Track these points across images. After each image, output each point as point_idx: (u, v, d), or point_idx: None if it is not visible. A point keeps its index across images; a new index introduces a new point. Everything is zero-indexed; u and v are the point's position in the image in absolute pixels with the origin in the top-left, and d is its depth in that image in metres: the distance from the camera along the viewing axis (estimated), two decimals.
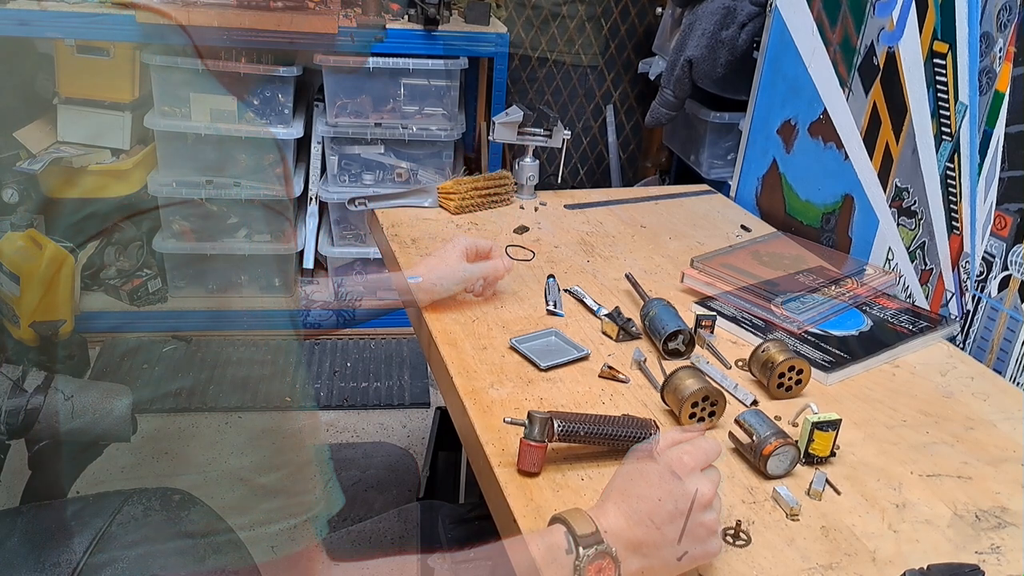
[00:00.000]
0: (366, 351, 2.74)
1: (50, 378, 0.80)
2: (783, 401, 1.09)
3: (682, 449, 0.79)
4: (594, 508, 0.77)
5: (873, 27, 1.47)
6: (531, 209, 1.66)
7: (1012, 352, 1.21)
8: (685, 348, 1.17)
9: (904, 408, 1.10)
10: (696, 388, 0.99)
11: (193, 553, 0.77)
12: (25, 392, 0.78)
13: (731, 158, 2.44)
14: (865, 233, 1.50)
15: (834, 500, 0.91)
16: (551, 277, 1.35)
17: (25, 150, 2.55)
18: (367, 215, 1.61)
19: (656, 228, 1.63)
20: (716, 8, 2.16)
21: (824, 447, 0.95)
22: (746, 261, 1.41)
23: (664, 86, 2.31)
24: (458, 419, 1.06)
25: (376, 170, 2.72)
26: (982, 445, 1.03)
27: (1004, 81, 1.23)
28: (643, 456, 0.79)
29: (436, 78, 2.62)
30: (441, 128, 2.64)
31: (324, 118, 2.63)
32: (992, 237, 1.25)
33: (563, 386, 1.08)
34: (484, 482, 0.95)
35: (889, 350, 1.21)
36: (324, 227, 2.84)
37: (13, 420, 0.76)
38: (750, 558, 0.82)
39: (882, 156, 1.46)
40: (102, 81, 2.54)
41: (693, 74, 2.22)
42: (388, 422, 2.41)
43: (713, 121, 2.41)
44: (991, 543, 0.87)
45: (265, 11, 2.60)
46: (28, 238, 2.63)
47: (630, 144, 3.08)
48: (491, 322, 1.22)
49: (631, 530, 0.74)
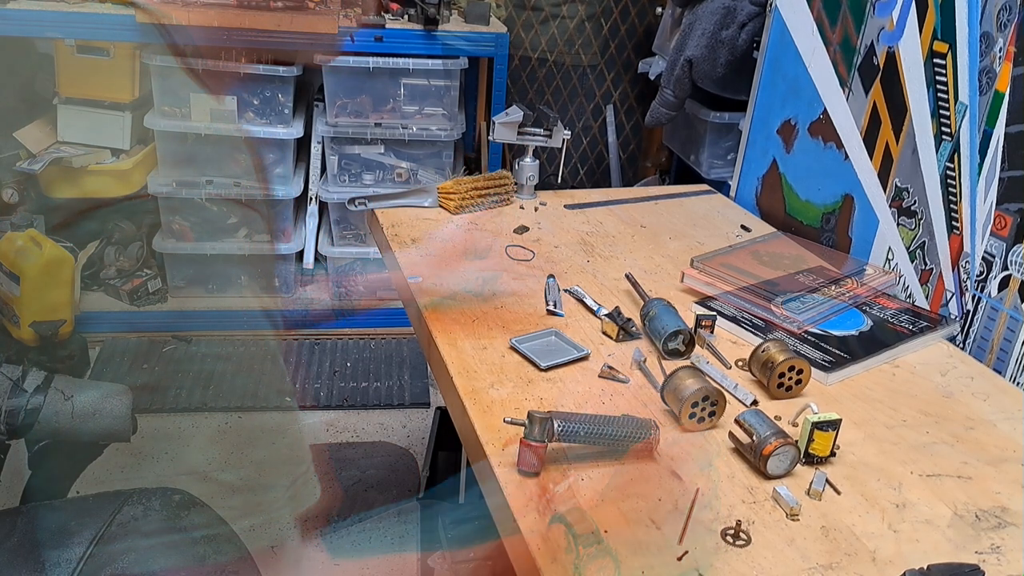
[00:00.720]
0: (366, 351, 2.74)
1: (50, 378, 0.80)
2: (783, 401, 1.09)
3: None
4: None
5: (873, 27, 1.47)
6: (531, 209, 1.66)
7: (1012, 352, 1.21)
8: (685, 348, 1.17)
9: (904, 408, 1.10)
10: (696, 388, 0.99)
11: (193, 553, 0.77)
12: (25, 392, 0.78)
13: (731, 158, 2.44)
14: (865, 233, 1.50)
15: (834, 500, 0.91)
16: (551, 277, 1.35)
17: (25, 150, 2.55)
18: (367, 215, 1.61)
19: (656, 228, 1.63)
20: (716, 8, 2.16)
21: (824, 447, 0.95)
22: (746, 261, 1.41)
23: (664, 86, 2.31)
24: (458, 419, 1.06)
25: (376, 170, 2.72)
26: (982, 445, 1.03)
27: (1004, 81, 1.23)
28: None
29: (436, 78, 2.62)
30: (441, 128, 2.64)
31: (324, 118, 2.63)
32: (992, 237, 1.25)
33: (563, 386, 1.08)
34: (484, 482, 0.95)
35: (889, 350, 1.21)
36: (324, 227, 2.84)
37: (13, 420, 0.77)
38: (750, 558, 0.82)
39: (882, 156, 1.46)
40: (102, 81, 2.54)
41: (693, 74, 2.22)
42: (388, 422, 2.41)
43: (713, 121, 2.41)
44: (991, 543, 0.87)
45: (265, 11, 2.60)
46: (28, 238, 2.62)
47: (630, 144, 3.08)
48: (491, 322, 1.22)
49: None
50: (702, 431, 1.01)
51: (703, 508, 0.88)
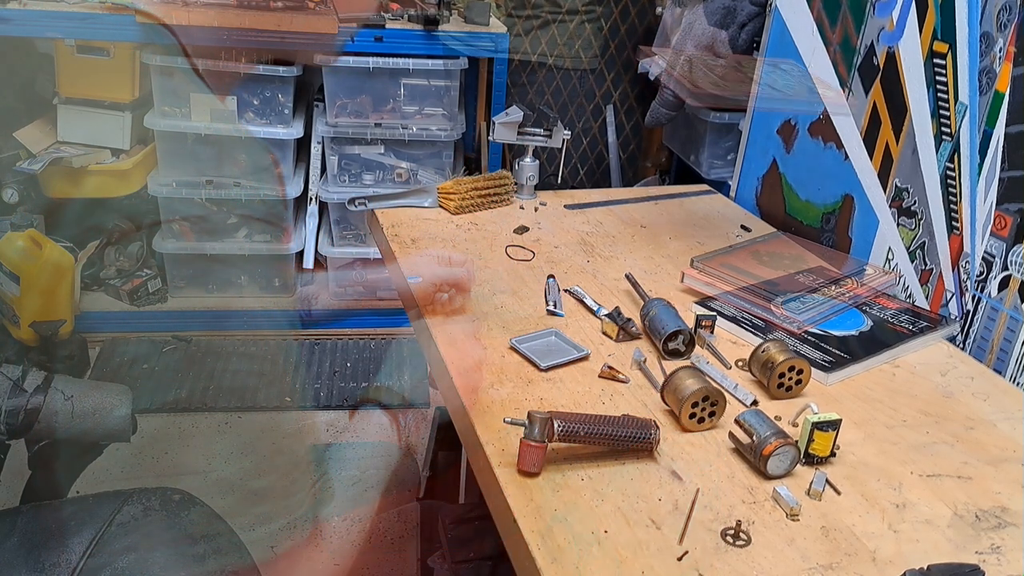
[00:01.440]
0: (366, 351, 2.74)
1: (50, 378, 0.80)
2: (783, 401, 1.09)
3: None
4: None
5: (873, 27, 1.47)
6: (531, 209, 1.66)
7: (1012, 352, 1.21)
8: (685, 348, 1.17)
9: (904, 408, 1.10)
10: (696, 388, 0.99)
11: (193, 553, 0.77)
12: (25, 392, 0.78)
13: (731, 158, 2.44)
14: (865, 233, 1.50)
15: (834, 500, 0.91)
16: (551, 277, 1.35)
17: (25, 150, 2.55)
18: (367, 215, 1.61)
19: (656, 228, 1.63)
20: (716, 8, 2.16)
21: (824, 447, 0.95)
22: (746, 261, 1.41)
23: (664, 86, 2.31)
24: (458, 419, 1.06)
25: (376, 170, 2.72)
26: (982, 445, 1.03)
27: (1004, 81, 1.23)
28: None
29: (436, 78, 2.62)
30: (441, 128, 2.64)
31: (324, 118, 2.63)
32: (992, 237, 1.25)
33: (563, 386, 1.08)
34: (484, 482, 0.95)
35: (889, 350, 1.21)
36: (324, 227, 2.84)
37: (13, 420, 0.77)
38: (750, 558, 0.82)
39: (882, 156, 1.46)
40: (102, 81, 2.55)
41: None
42: (388, 422, 2.41)
43: (713, 121, 2.41)
44: (991, 543, 0.87)
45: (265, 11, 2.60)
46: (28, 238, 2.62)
47: (630, 144, 3.08)
48: (491, 322, 1.22)
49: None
50: (702, 431, 1.01)
51: (703, 508, 0.88)
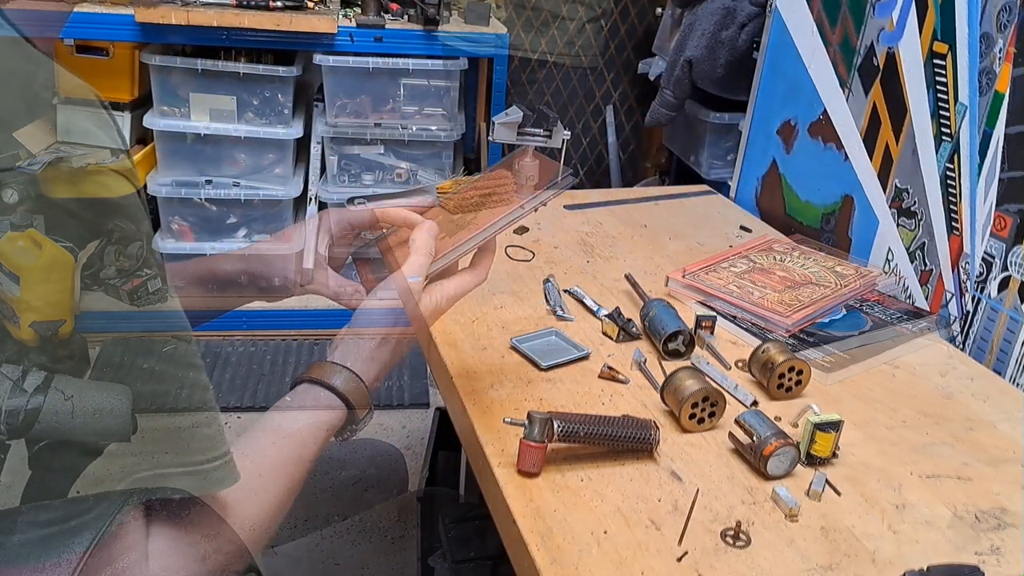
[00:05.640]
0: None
1: (50, 378, 0.80)
2: (783, 402, 1.09)
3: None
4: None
5: (873, 27, 1.47)
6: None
7: (1012, 353, 1.21)
8: (685, 348, 1.17)
9: (904, 408, 1.10)
10: (696, 389, 0.99)
11: (194, 554, 0.77)
12: (25, 392, 0.78)
13: (731, 158, 2.44)
14: (865, 233, 1.50)
15: (834, 501, 0.91)
16: (547, 281, 1.35)
17: (25, 150, 2.55)
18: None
19: (656, 228, 1.63)
20: (716, 8, 2.16)
21: (825, 448, 0.95)
22: (729, 279, 1.34)
23: (664, 86, 2.31)
24: (458, 419, 1.06)
25: (376, 170, 2.72)
26: (982, 446, 1.03)
27: (1004, 82, 1.23)
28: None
29: (436, 78, 2.62)
30: (441, 128, 2.64)
31: (324, 118, 2.63)
32: (992, 238, 1.25)
33: (563, 386, 1.08)
34: (484, 482, 0.95)
35: (889, 351, 1.21)
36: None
37: (13, 420, 0.76)
38: (750, 559, 0.82)
39: (882, 156, 1.46)
40: (101, 81, 2.54)
41: (693, 74, 2.22)
42: (388, 422, 2.41)
43: (713, 122, 2.41)
44: (991, 544, 0.87)
45: (265, 11, 2.60)
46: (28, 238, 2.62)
47: (630, 144, 3.08)
48: (491, 322, 1.22)
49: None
50: (702, 432, 1.01)
51: (703, 509, 0.88)
